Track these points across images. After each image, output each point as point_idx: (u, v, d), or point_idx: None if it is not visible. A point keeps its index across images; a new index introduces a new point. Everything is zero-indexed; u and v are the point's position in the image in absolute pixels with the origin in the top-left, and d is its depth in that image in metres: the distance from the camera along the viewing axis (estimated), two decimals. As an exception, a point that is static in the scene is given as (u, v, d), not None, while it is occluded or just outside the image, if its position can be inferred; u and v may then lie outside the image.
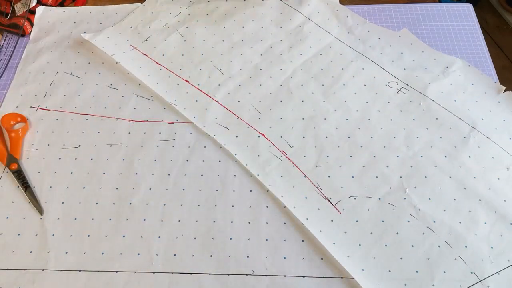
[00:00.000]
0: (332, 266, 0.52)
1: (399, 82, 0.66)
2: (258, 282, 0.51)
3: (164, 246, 0.54)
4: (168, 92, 0.66)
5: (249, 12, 0.75)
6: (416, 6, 0.77)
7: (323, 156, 0.60)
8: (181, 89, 0.66)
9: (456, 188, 0.57)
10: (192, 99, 0.65)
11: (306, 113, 0.64)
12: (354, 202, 0.56)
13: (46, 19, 0.76)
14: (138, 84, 0.67)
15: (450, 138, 0.61)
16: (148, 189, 0.58)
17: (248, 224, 0.55)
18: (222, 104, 0.65)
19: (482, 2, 1.76)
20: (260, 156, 0.60)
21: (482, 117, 0.62)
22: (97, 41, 0.69)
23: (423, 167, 0.58)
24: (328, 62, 0.69)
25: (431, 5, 0.77)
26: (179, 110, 0.64)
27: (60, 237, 0.54)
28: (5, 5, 0.74)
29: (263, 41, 0.71)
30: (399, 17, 0.75)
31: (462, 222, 0.54)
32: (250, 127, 0.62)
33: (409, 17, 0.75)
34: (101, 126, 0.63)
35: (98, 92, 0.67)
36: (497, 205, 0.55)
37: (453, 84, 0.66)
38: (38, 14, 0.77)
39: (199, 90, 0.66)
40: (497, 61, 1.55)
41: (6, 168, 0.59)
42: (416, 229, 0.54)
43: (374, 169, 0.58)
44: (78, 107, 0.65)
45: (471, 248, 0.53)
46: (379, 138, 0.61)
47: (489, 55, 0.70)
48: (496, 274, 0.51)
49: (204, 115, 0.63)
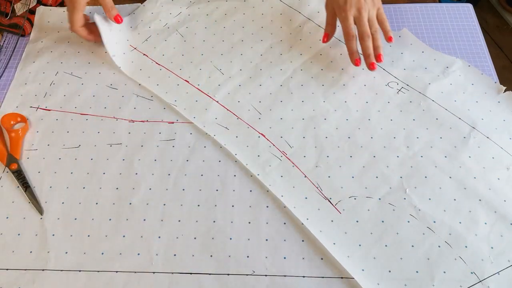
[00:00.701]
0: (332, 266, 0.52)
1: (399, 82, 0.66)
2: (258, 282, 0.51)
3: (164, 246, 0.54)
4: (168, 92, 0.66)
5: (249, 12, 0.75)
6: (416, 6, 0.77)
7: (323, 156, 0.60)
8: (181, 89, 0.66)
9: (456, 188, 0.57)
10: (192, 99, 0.65)
11: (306, 113, 0.64)
12: (354, 202, 0.56)
13: (46, 19, 0.76)
14: (138, 84, 0.67)
15: (450, 138, 0.61)
16: (148, 189, 0.58)
17: (248, 224, 0.55)
18: (222, 104, 0.65)
19: (482, 2, 1.77)
20: (260, 156, 0.60)
21: (482, 117, 0.62)
22: (101, 29, 0.69)
23: (423, 167, 0.58)
24: (328, 62, 0.69)
25: (431, 5, 0.77)
26: (179, 111, 0.64)
27: (60, 237, 0.54)
28: (5, 5, 0.74)
29: (263, 41, 0.71)
30: (399, 17, 0.75)
31: (462, 222, 0.54)
32: (250, 127, 0.62)
33: (409, 17, 0.75)
34: (101, 126, 0.63)
35: (98, 92, 0.67)
36: (497, 205, 0.55)
37: (453, 84, 0.66)
38: (38, 14, 0.76)
39: (199, 90, 0.66)
40: (497, 61, 1.55)
41: (6, 168, 0.59)
42: (416, 229, 0.54)
43: (374, 169, 0.58)
44: (78, 107, 0.65)
45: (471, 248, 0.53)
46: (379, 138, 0.61)
47: (489, 55, 0.70)
48: (497, 274, 0.51)
49: (204, 115, 0.64)
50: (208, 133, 0.62)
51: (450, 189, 0.57)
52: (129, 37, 0.72)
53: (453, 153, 0.59)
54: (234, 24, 0.74)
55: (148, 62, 0.69)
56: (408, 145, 0.60)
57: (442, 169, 0.58)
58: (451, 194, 0.56)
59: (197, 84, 0.67)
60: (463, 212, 0.55)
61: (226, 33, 0.73)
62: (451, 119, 0.62)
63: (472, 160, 0.59)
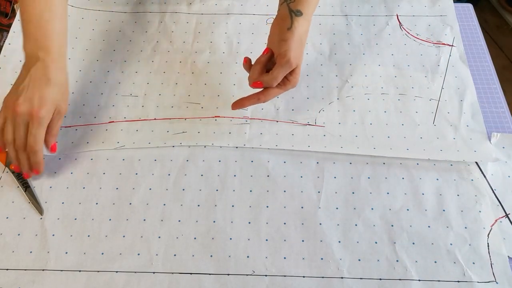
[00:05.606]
0: (332, 266, 0.52)
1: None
2: (258, 282, 0.51)
3: (164, 246, 0.54)
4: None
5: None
6: (416, 6, 0.77)
7: (275, 100, 0.60)
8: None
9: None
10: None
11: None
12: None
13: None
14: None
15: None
16: (148, 189, 0.58)
17: (248, 224, 0.55)
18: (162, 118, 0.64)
19: (482, 2, 1.77)
20: (231, 133, 0.62)
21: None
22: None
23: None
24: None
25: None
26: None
27: (60, 237, 0.54)
28: (5, 5, 0.74)
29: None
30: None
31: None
32: (203, 118, 0.63)
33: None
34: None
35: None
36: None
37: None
38: (38, 14, 0.76)
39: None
40: (497, 61, 1.55)
41: (6, 168, 0.59)
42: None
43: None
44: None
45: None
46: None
47: (489, 55, 0.70)
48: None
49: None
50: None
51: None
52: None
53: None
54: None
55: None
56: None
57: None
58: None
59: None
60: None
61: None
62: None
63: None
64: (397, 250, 0.53)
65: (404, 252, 0.53)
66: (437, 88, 0.66)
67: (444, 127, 0.63)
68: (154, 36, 0.72)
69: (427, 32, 0.72)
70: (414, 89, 0.66)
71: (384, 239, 0.54)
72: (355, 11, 0.75)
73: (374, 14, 0.75)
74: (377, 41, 0.71)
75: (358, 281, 0.51)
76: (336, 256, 0.53)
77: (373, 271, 0.52)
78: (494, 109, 0.65)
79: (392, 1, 0.76)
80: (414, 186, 0.58)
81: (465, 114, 0.64)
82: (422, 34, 0.72)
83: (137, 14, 0.75)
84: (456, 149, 0.60)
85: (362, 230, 0.55)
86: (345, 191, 0.58)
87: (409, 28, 0.73)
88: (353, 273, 0.52)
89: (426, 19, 0.74)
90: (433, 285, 0.51)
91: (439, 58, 0.69)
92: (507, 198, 0.57)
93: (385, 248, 0.54)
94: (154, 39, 0.72)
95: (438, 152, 0.60)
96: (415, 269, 0.52)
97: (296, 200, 0.57)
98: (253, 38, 0.72)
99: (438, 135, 0.62)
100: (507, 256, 0.53)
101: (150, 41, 0.72)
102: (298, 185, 0.58)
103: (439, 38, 0.72)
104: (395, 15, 0.75)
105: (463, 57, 0.69)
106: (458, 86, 0.66)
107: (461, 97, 0.65)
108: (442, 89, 0.66)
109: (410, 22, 0.74)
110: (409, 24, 0.73)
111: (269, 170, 0.59)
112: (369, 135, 0.62)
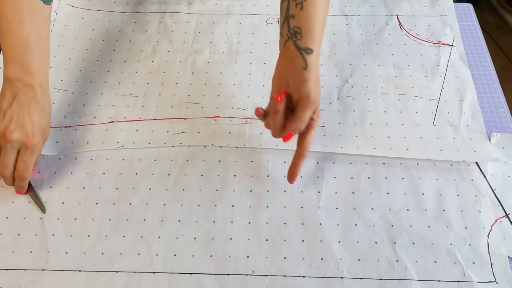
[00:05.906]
0: (332, 266, 0.52)
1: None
2: (258, 282, 0.51)
3: (164, 246, 0.54)
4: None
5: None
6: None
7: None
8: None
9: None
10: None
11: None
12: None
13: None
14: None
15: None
16: (148, 189, 0.58)
17: (248, 224, 0.55)
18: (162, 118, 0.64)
19: (482, 2, 1.77)
20: (231, 132, 0.62)
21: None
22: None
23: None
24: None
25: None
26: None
27: (60, 237, 0.54)
28: (5, 5, 0.74)
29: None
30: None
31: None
32: (203, 118, 0.63)
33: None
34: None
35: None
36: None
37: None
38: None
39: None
40: (497, 61, 1.55)
41: (6, 168, 0.59)
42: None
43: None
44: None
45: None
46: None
47: (489, 55, 0.70)
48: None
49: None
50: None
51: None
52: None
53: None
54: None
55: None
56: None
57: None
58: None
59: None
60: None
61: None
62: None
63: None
64: (397, 250, 0.53)
65: (404, 252, 0.53)
66: (437, 88, 0.66)
67: (444, 127, 0.63)
68: (154, 36, 0.72)
69: (427, 32, 0.72)
70: (414, 89, 0.66)
71: (384, 239, 0.54)
72: (355, 11, 0.76)
73: (374, 14, 0.75)
74: (377, 41, 0.72)
75: (358, 281, 0.51)
76: (336, 256, 0.53)
77: (373, 271, 0.52)
78: (494, 109, 0.65)
79: (392, 1, 0.76)
80: (414, 186, 0.58)
81: (465, 114, 0.64)
82: (422, 34, 0.72)
83: (137, 14, 0.75)
84: (456, 149, 0.60)
85: (362, 230, 0.55)
86: (345, 191, 0.58)
87: (409, 28, 0.73)
88: (353, 273, 0.52)
89: (426, 19, 0.74)
90: (433, 285, 0.51)
91: (439, 58, 0.69)
92: (507, 198, 0.57)
93: (385, 248, 0.54)
94: (154, 39, 0.72)
95: (438, 152, 0.60)
96: (415, 269, 0.52)
97: (296, 200, 0.57)
98: (253, 38, 0.72)
99: (438, 135, 0.62)
100: (507, 256, 0.53)
101: (150, 41, 0.72)
102: (298, 185, 0.58)
103: (439, 38, 0.72)
104: (395, 15, 0.75)
105: (463, 57, 0.69)
106: (458, 86, 0.66)
107: (461, 97, 0.65)
108: (442, 89, 0.66)
109: (410, 22, 0.74)
110: (409, 24, 0.74)
111: (269, 170, 0.59)
112: (369, 135, 0.62)
